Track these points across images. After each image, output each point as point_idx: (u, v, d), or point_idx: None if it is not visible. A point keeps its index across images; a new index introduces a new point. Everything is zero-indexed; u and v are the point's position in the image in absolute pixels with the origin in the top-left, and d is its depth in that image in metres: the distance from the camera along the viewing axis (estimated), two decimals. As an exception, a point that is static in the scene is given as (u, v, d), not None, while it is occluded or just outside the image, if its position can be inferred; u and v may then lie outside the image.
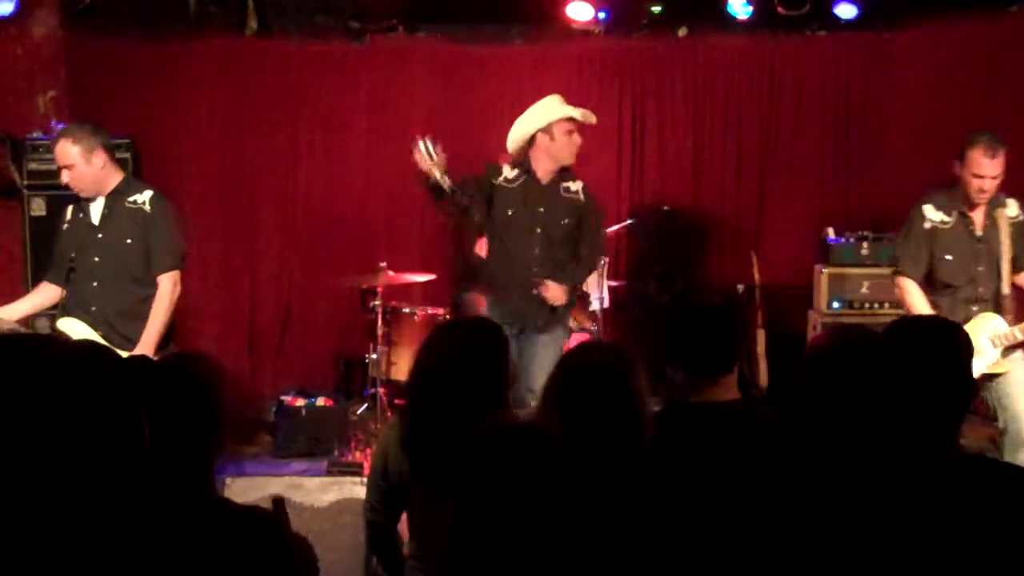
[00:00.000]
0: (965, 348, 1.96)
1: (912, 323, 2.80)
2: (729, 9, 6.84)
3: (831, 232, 6.66)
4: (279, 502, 2.25)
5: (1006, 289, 4.56)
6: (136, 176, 6.54)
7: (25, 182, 6.32)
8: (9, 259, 6.44)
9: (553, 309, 4.91)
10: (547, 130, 4.95)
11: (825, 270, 6.46)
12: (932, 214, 4.68)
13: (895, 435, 1.81)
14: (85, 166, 4.42)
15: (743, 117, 7.27)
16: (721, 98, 7.28)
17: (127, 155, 6.48)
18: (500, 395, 2.76)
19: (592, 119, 5.07)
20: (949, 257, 4.65)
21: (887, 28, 7.03)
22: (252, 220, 7.20)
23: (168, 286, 4.45)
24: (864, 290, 6.39)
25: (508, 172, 5.06)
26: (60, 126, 6.39)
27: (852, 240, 6.46)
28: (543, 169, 4.98)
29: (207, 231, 7.11)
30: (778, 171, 7.23)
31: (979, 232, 4.61)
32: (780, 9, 6.76)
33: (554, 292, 4.86)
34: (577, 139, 5.00)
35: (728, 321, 2.66)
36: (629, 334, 7.17)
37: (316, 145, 7.23)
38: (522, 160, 5.04)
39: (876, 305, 6.30)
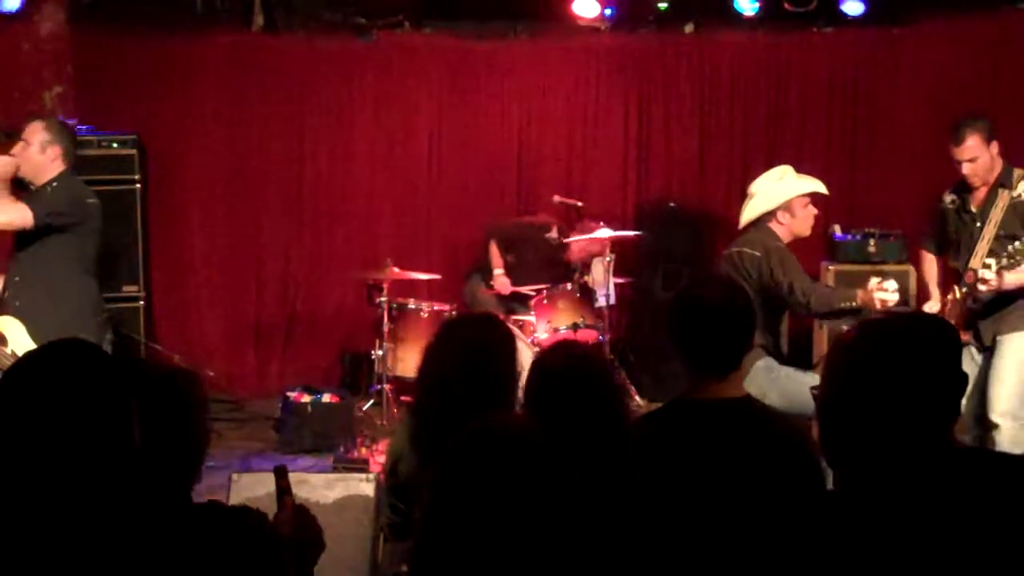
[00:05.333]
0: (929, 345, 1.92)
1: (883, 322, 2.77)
2: (736, 5, 6.83)
3: (838, 229, 6.64)
4: (281, 470, 2.23)
5: (974, 263, 4.45)
6: (142, 173, 6.58)
7: (31, 178, 6.32)
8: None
9: None
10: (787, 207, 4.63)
11: (832, 267, 6.44)
12: (945, 197, 4.78)
13: (898, 429, 1.80)
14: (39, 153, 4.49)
15: (749, 113, 7.26)
16: (727, 94, 7.26)
17: (133, 151, 6.50)
18: (509, 389, 2.76)
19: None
20: (955, 236, 4.70)
21: (893, 24, 7.01)
22: (258, 216, 7.21)
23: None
24: (871, 287, 6.37)
25: None
26: (68, 122, 6.41)
27: (859, 237, 6.45)
28: None
29: (212, 227, 7.13)
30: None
31: (974, 209, 4.61)
32: (787, 5, 6.74)
33: None
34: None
35: (732, 317, 2.62)
36: (634, 331, 7.17)
37: (322, 141, 7.24)
38: None
39: (882, 302, 6.28)
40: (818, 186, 4.71)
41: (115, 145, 6.45)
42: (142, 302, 6.53)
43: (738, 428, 2.52)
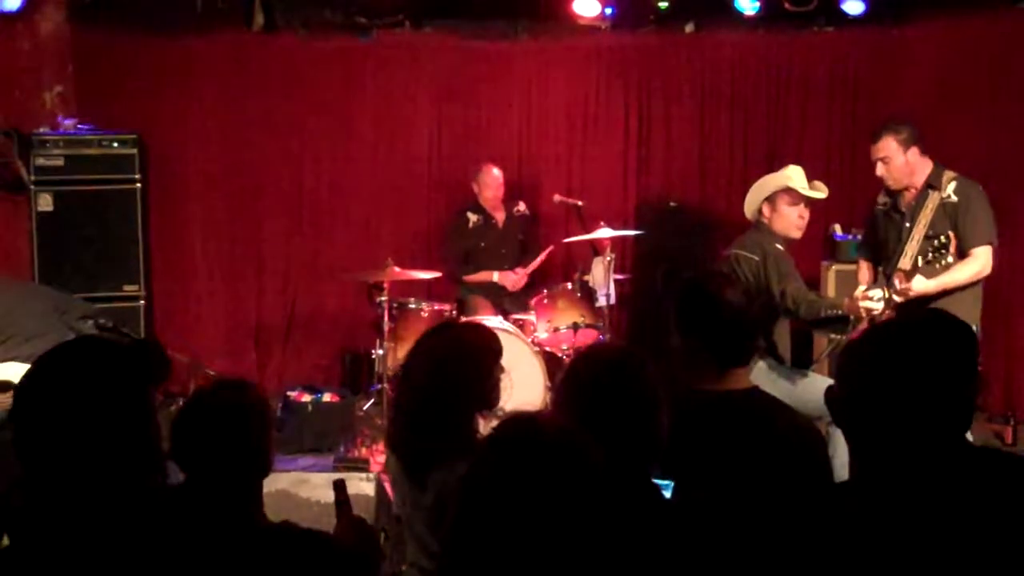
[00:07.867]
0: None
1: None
2: (736, 5, 6.81)
3: (838, 228, 6.65)
4: (340, 484, 2.25)
5: (903, 264, 4.43)
6: (142, 172, 6.58)
7: (32, 177, 6.33)
8: (16, 255, 6.46)
9: None
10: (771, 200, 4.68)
11: (832, 266, 6.44)
12: (879, 198, 4.80)
13: (911, 426, 1.81)
14: None
15: (750, 113, 7.26)
16: (727, 94, 7.26)
17: (133, 151, 6.51)
18: (487, 397, 2.75)
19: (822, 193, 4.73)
20: (885, 236, 4.71)
21: (894, 24, 7.00)
22: (258, 215, 7.21)
23: None
24: (870, 287, 6.37)
25: None
26: (67, 121, 6.41)
27: (859, 237, 6.43)
28: None
29: (213, 226, 7.14)
30: (784, 167, 7.21)
31: (904, 209, 4.60)
32: (787, 5, 6.74)
33: None
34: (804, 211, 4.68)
35: (750, 312, 2.76)
36: (633, 329, 7.17)
37: (322, 141, 7.24)
38: None
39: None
40: (794, 183, 4.62)
41: (115, 145, 6.46)
42: (142, 302, 6.54)
43: (749, 418, 2.56)
